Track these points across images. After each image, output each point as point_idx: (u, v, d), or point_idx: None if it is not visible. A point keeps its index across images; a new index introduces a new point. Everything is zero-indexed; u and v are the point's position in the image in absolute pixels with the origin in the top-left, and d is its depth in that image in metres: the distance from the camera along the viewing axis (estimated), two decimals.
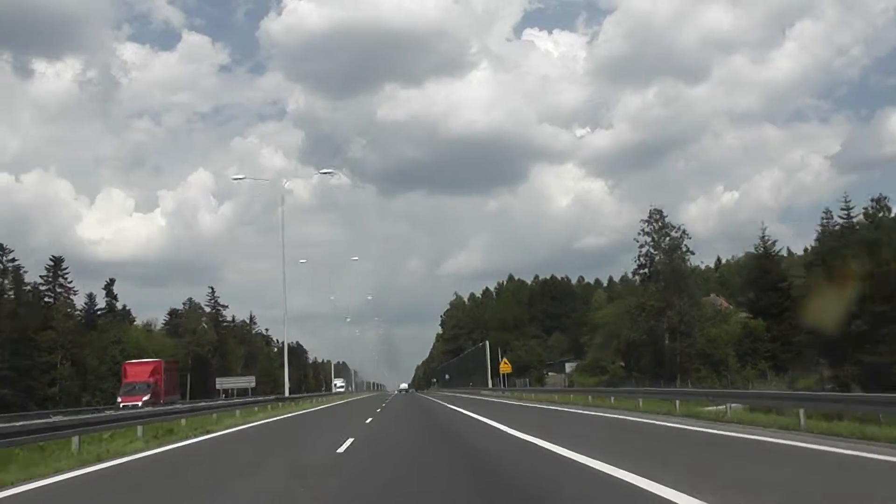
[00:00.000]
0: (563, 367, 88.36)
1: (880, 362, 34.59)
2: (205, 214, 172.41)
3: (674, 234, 54.48)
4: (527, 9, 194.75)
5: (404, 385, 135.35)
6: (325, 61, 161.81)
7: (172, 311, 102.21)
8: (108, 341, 69.26)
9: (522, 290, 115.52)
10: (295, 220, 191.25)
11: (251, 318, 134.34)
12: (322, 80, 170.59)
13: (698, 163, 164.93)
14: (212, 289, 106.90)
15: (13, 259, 62.21)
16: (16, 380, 56.19)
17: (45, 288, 65.83)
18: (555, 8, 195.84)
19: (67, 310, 67.09)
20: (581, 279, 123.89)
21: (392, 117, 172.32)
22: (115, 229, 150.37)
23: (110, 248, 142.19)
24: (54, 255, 69.17)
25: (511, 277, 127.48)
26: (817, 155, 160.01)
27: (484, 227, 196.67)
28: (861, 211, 49.33)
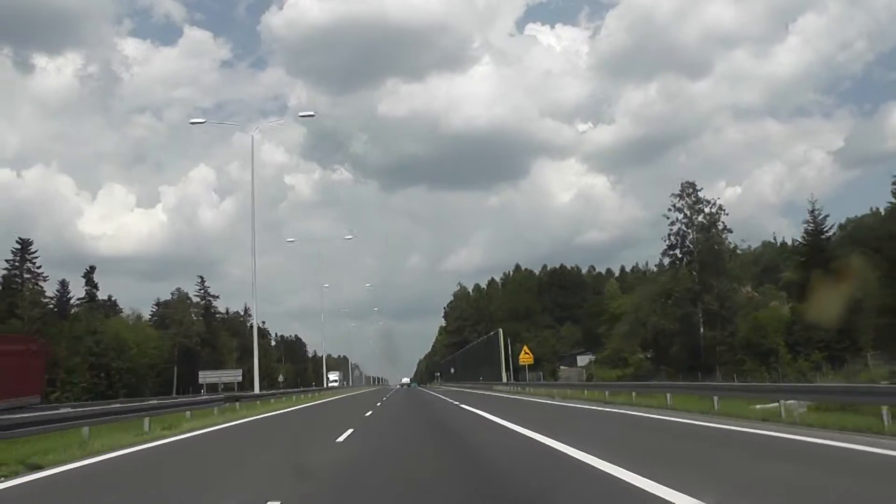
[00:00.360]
0: (575, 360, 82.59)
1: None
2: (206, 210, 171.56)
3: (708, 209, 48.36)
4: (529, 3, 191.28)
5: (406, 379, 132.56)
6: (326, 56, 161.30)
7: (160, 302, 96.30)
8: (81, 332, 63.23)
9: (530, 281, 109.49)
10: (296, 215, 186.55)
11: (245, 309, 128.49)
12: (323, 75, 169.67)
13: (700, 158, 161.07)
14: (201, 278, 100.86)
15: None
16: None
17: (10, 272, 59.83)
18: (557, 2, 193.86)
19: (36, 297, 61.07)
20: (592, 269, 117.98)
21: (394, 112, 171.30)
22: (117, 225, 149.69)
23: (112, 243, 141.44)
24: (21, 238, 63.31)
25: (518, 267, 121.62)
26: (820, 150, 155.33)
27: (486, 223, 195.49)
28: None
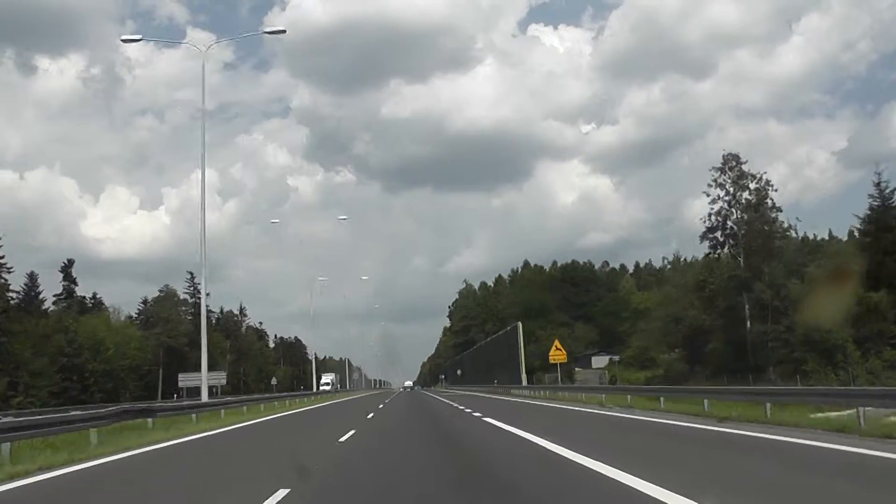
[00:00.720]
0: (590, 361, 76.66)
1: None
2: (209, 212, 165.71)
3: (754, 184, 42.17)
4: (532, 4, 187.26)
5: (409, 382, 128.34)
6: (329, 57, 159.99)
7: (147, 301, 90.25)
8: (49, 330, 57.26)
9: (541, 277, 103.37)
10: (299, 217, 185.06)
11: (241, 309, 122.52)
12: (326, 76, 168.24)
13: (704, 159, 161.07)
14: (191, 274, 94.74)
15: None
16: None
17: None
18: (560, 3, 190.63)
19: None
20: (605, 264, 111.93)
21: (397, 113, 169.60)
22: (120, 227, 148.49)
23: (115, 246, 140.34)
24: None
25: (527, 263, 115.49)
26: (823, 150, 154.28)
27: (489, 225, 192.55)
28: None
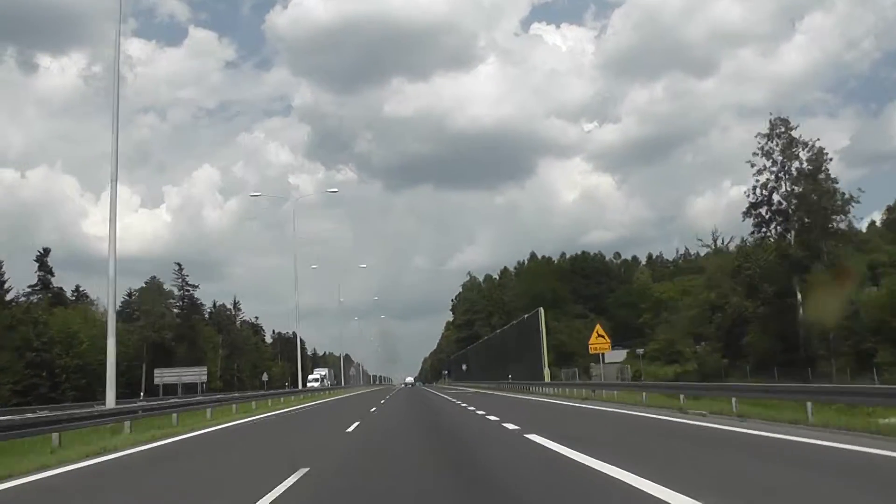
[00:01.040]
0: (602, 356, 71.16)
1: None
2: (210, 210, 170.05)
3: (806, 153, 36.63)
4: (534, 3, 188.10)
5: (410, 378, 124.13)
6: (331, 55, 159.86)
7: (130, 293, 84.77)
8: (14, 321, 51.95)
9: (550, 267, 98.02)
10: (301, 215, 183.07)
11: (235, 303, 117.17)
12: (328, 74, 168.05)
13: (706, 157, 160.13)
14: (178, 265, 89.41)
15: None
16: None
17: None
18: (562, 2, 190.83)
19: None
20: (617, 255, 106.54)
21: (399, 112, 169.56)
22: (121, 225, 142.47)
23: (116, 244, 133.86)
24: None
25: (534, 255, 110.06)
26: (826, 149, 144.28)
27: (491, 222, 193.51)
28: None
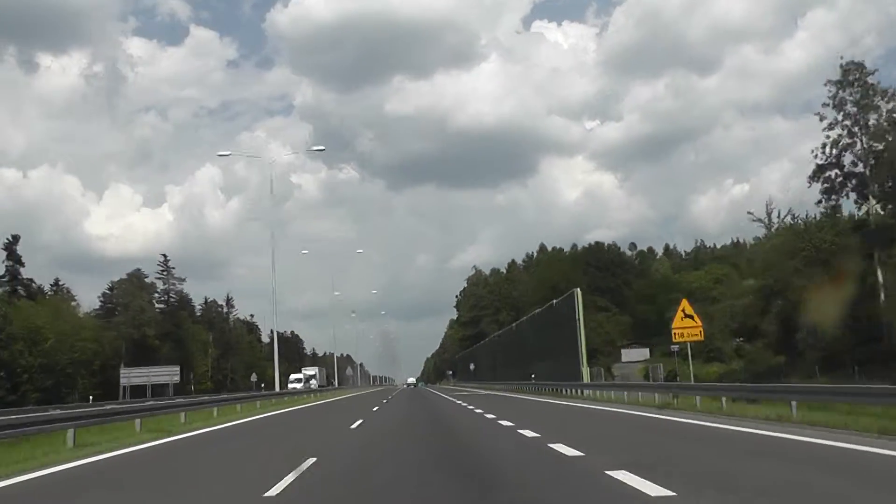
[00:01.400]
0: (619, 355, 65.40)
1: None
2: (212, 210, 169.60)
3: (884, 104, 30.33)
4: (536, 0, 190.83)
5: (412, 379, 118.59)
6: (332, 54, 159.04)
7: (112, 286, 78.54)
8: None
9: (562, 258, 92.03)
10: (303, 215, 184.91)
11: (228, 299, 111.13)
12: (329, 72, 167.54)
13: (708, 155, 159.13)
14: (164, 256, 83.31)
15: None
16: None
17: None
18: None
19: None
20: (633, 246, 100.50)
21: (400, 110, 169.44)
22: (123, 225, 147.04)
23: (118, 244, 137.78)
24: None
25: (543, 247, 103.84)
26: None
27: (493, 221, 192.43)
28: None
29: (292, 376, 66.90)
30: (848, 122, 30.95)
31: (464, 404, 23.16)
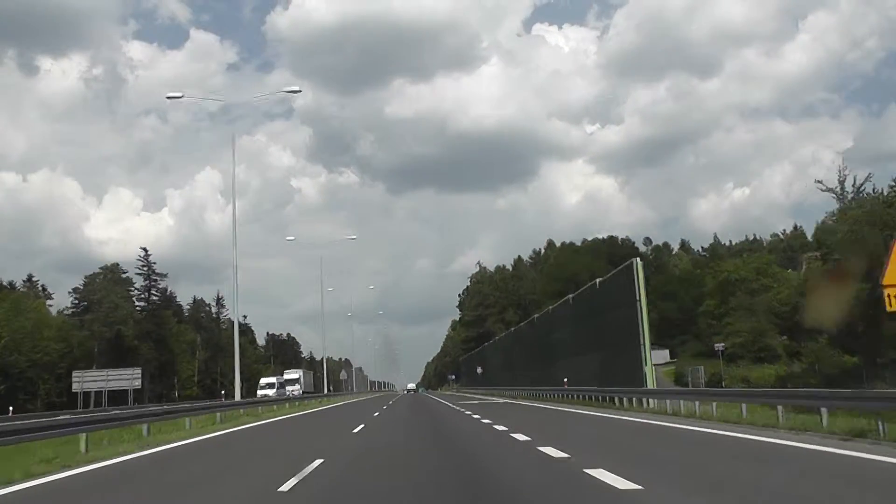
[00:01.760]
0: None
1: None
2: (213, 213, 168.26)
3: None
4: (537, 3, 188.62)
5: (412, 385, 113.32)
6: (332, 56, 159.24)
7: (89, 279, 72.31)
8: None
9: (584, 249, 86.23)
10: (303, 218, 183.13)
11: (219, 299, 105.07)
12: (330, 75, 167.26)
13: (709, 158, 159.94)
14: (145, 250, 77.10)
15: None
16: None
17: None
18: (565, 2, 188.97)
19: None
20: (648, 241, 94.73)
21: (401, 113, 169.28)
22: (123, 229, 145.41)
23: (118, 248, 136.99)
24: None
25: (552, 244, 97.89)
26: (829, 150, 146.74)
27: (493, 225, 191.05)
28: None
29: (263, 380, 58.67)
30: None
31: (500, 427, 14.39)
